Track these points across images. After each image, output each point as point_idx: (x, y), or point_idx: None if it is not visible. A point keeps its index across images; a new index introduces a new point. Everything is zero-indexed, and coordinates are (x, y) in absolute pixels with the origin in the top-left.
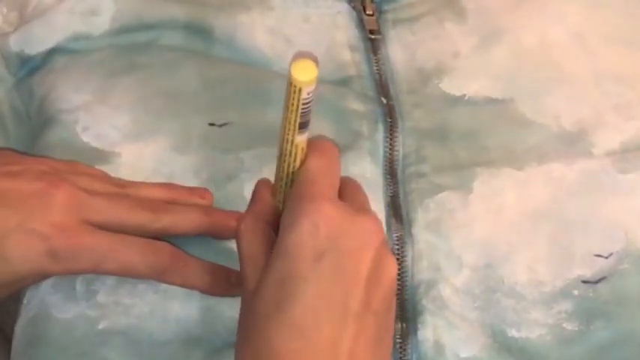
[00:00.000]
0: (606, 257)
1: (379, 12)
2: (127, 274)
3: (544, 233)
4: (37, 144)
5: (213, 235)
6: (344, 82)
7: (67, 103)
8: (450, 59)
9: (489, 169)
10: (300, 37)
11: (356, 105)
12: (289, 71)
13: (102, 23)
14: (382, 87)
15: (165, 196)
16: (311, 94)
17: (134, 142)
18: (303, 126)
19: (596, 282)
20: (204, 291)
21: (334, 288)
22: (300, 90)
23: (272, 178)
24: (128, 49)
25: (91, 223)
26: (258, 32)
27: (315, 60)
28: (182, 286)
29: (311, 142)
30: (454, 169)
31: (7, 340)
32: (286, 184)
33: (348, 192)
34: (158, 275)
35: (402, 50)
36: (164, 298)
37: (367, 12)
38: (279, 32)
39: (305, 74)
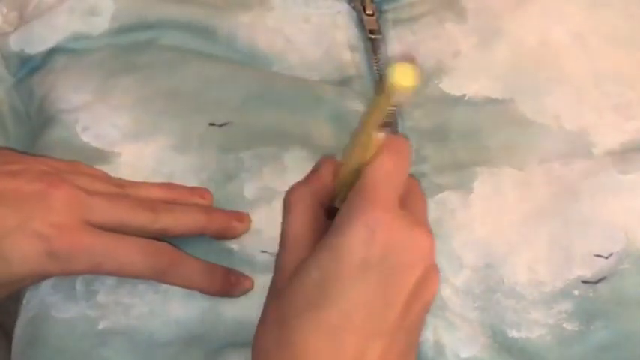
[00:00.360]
0: (606, 257)
1: (379, 12)
2: (128, 275)
3: (544, 233)
4: (37, 144)
5: (214, 235)
6: (344, 82)
7: (67, 103)
8: (450, 59)
9: (490, 169)
10: (301, 37)
11: (356, 105)
12: (391, 74)
13: (102, 23)
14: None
15: (165, 196)
16: (404, 98)
17: (134, 142)
18: (386, 125)
19: (596, 282)
20: (204, 291)
21: (376, 299)
22: (396, 94)
23: (272, 179)
24: (128, 48)
25: (91, 223)
26: (258, 32)
27: (416, 65)
28: (182, 286)
29: (388, 140)
30: (454, 169)
31: (9, 339)
32: (352, 175)
33: (410, 198)
34: (158, 276)
35: (402, 50)
36: (164, 298)
37: (367, 12)
38: (279, 32)
39: (407, 79)
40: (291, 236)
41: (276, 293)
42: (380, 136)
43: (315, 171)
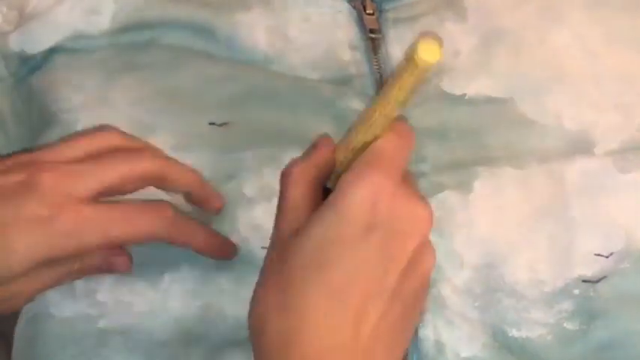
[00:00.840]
0: (607, 257)
1: (379, 11)
2: (135, 237)
3: (545, 232)
4: (37, 144)
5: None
6: (344, 82)
7: (67, 103)
8: (451, 59)
9: (490, 169)
10: (301, 37)
11: (356, 104)
12: (416, 51)
13: (102, 22)
14: (382, 86)
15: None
16: (429, 74)
17: None
18: (404, 104)
19: (597, 281)
20: (206, 251)
21: (376, 263)
22: (424, 70)
23: (273, 179)
24: (128, 48)
25: (80, 194)
26: (258, 31)
27: (440, 41)
28: (185, 243)
29: (393, 123)
30: (455, 168)
31: (7, 340)
32: (357, 152)
33: (407, 178)
34: (165, 236)
35: (402, 49)
36: (164, 296)
37: (367, 11)
38: (279, 32)
39: (432, 55)
40: (290, 204)
41: (276, 257)
42: (395, 114)
43: (314, 147)
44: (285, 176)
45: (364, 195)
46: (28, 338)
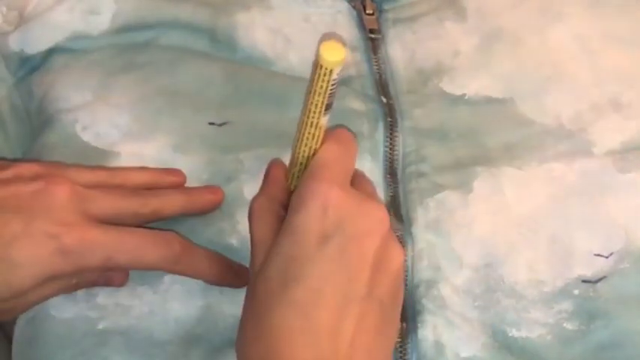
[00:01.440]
0: (606, 257)
1: (379, 11)
2: (138, 266)
3: (544, 233)
4: (36, 143)
5: (195, 211)
6: (344, 82)
7: (67, 103)
8: (450, 59)
9: (489, 169)
10: (301, 37)
11: (356, 104)
12: (318, 53)
13: (102, 22)
14: (382, 86)
15: (148, 178)
16: (339, 75)
17: (134, 142)
18: (328, 107)
19: (597, 281)
20: (211, 281)
21: (338, 271)
22: (331, 71)
23: None
24: (128, 48)
25: (91, 215)
26: (258, 31)
27: (342, 41)
28: (192, 275)
29: (330, 131)
30: (454, 168)
31: (9, 340)
32: (306, 166)
33: (356, 181)
34: (169, 265)
35: (402, 49)
36: (164, 298)
37: (367, 11)
38: (279, 32)
39: (335, 55)
40: (257, 241)
41: (249, 290)
42: (325, 120)
43: (266, 177)
44: (248, 214)
45: (312, 207)
46: (28, 338)
